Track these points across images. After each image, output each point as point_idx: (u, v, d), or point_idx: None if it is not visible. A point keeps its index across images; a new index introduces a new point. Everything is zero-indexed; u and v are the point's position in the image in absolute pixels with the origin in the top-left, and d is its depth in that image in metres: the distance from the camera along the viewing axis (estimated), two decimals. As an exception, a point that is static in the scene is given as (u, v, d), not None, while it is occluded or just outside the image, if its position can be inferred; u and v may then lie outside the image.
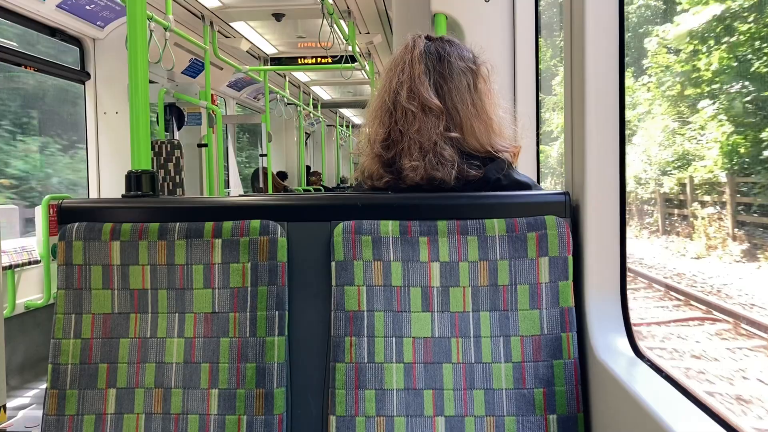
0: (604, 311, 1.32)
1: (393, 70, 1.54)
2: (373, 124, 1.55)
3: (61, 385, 1.40)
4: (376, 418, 1.31)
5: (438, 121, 1.46)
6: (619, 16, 1.30)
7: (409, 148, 1.46)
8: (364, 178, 1.58)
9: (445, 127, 1.46)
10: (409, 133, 1.47)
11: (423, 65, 1.51)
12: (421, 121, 1.46)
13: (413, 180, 1.46)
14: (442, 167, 1.44)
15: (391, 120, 1.50)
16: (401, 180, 1.48)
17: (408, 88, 1.49)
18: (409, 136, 1.47)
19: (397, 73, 1.52)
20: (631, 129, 13.64)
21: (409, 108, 1.47)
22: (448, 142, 1.46)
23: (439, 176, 1.44)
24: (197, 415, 1.37)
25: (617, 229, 1.32)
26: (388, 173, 1.51)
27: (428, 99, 1.47)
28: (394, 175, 1.50)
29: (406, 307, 1.35)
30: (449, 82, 1.50)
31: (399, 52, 1.56)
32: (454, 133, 1.47)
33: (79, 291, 1.42)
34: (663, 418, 0.96)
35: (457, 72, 1.52)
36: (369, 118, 1.58)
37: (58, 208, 1.49)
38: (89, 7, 4.95)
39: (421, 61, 1.51)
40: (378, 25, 6.94)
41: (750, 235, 10.66)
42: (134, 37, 1.70)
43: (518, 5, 2.36)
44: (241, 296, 1.39)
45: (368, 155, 1.55)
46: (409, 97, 1.48)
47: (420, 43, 1.55)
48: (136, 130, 1.68)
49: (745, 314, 7.01)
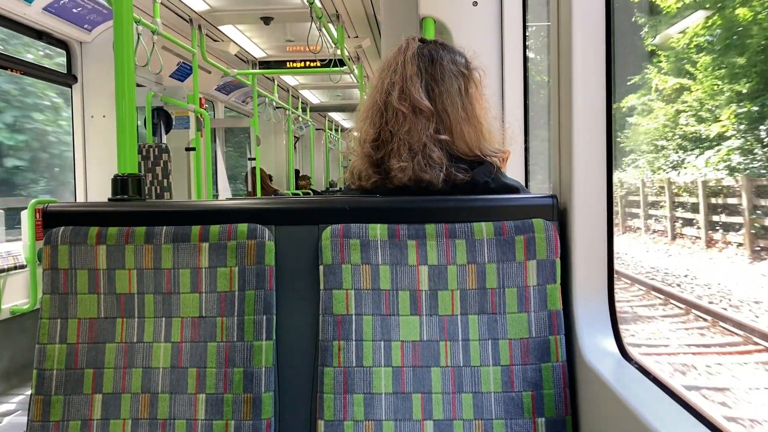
0: (592, 314, 1.32)
1: (385, 71, 1.54)
2: (364, 124, 1.54)
3: (46, 391, 1.38)
4: (364, 422, 1.31)
5: (428, 123, 1.46)
6: (606, 19, 1.31)
7: (398, 149, 1.46)
8: (353, 179, 1.57)
9: (434, 129, 1.46)
10: (399, 134, 1.46)
11: (415, 67, 1.50)
12: (411, 122, 1.46)
13: (401, 181, 1.45)
14: (431, 169, 1.44)
15: (381, 120, 1.50)
16: (389, 180, 1.48)
17: (399, 89, 1.48)
18: (399, 137, 1.46)
19: (389, 73, 1.52)
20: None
21: (400, 109, 1.47)
22: (437, 144, 1.46)
23: (427, 178, 1.44)
24: (184, 420, 1.36)
25: (605, 232, 1.33)
26: (376, 174, 1.50)
27: (419, 100, 1.47)
28: (382, 175, 1.50)
29: (394, 310, 1.35)
30: (440, 85, 1.50)
31: (392, 53, 1.56)
32: (443, 136, 1.47)
33: (65, 295, 1.41)
34: (650, 420, 0.96)
35: (449, 75, 1.52)
36: (360, 118, 1.58)
37: (44, 212, 1.48)
38: (76, 10, 4.92)
39: (413, 62, 1.51)
40: (367, 29, 6.94)
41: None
42: (121, 41, 1.69)
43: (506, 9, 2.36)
44: (228, 300, 1.38)
45: (358, 155, 1.55)
46: (400, 97, 1.48)
47: (413, 45, 1.55)
48: (122, 134, 1.67)
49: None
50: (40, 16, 4.68)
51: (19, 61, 4.80)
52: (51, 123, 6.48)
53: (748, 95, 11.85)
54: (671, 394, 1.07)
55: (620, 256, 12.36)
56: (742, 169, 11.61)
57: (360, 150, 1.54)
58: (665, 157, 14.61)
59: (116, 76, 1.69)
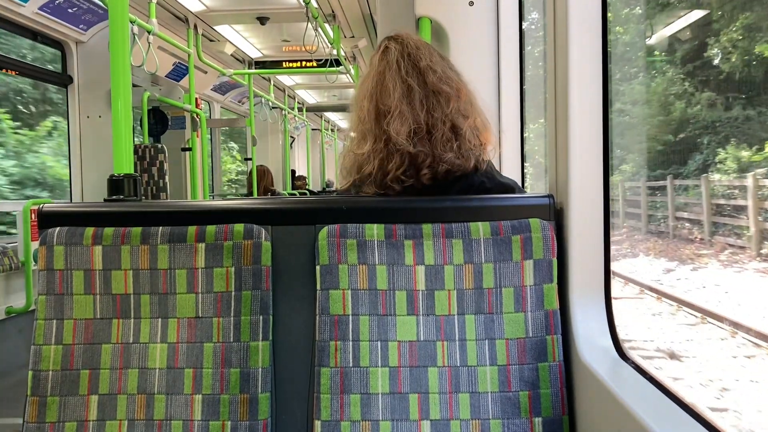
0: (589, 314, 1.32)
1: (401, 60, 1.52)
2: (393, 119, 1.47)
3: (41, 392, 1.38)
4: (361, 422, 1.31)
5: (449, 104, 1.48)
6: (602, 19, 1.31)
7: (442, 136, 1.46)
8: (374, 187, 1.50)
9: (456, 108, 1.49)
10: (443, 118, 1.47)
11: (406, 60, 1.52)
12: (455, 102, 1.48)
13: (440, 171, 1.45)
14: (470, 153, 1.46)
15: (422, 107, 1.47)
16: (420, 178, 1.46)
17: (431, 71, 1.49)
18: (443, 121, 1.47)
19: (404, 64, 1.51)
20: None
21: (443, 89, 1.47)
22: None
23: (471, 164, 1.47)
24: (181, 421, 1.35)
25: (601, 232, 1.33)
26: (408, 174, 1.46)
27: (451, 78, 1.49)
28: (414, 176, 1.47)
29: (391, 310, 1.34)
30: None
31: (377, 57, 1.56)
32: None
33: (61, 296, 1.41)
34: (647, 419, 0.96)
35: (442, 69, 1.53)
36: (388, 114, 1.49)
37: (39, 213, 1.47)
38: (72, 10, 4.91)
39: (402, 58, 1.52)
40: (363, 29, 6.93)
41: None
42: (117, 41, 1.69)
43: (502, 8, 2.37)
44: (224, 301, 1.38)
45: (379, 156, 1.49)
46: (440, 79, 1.48)
47: (393, 45, 1.56)
48: (118, 134, 1.67)
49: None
50: (35, 16, 4.67)
51: (13, 61, 4.79)
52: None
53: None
54: (667, 393, 1.07)
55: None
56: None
57: (384, 150, 1.48)
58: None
59: (112, 76, 1.69)
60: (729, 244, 10.13)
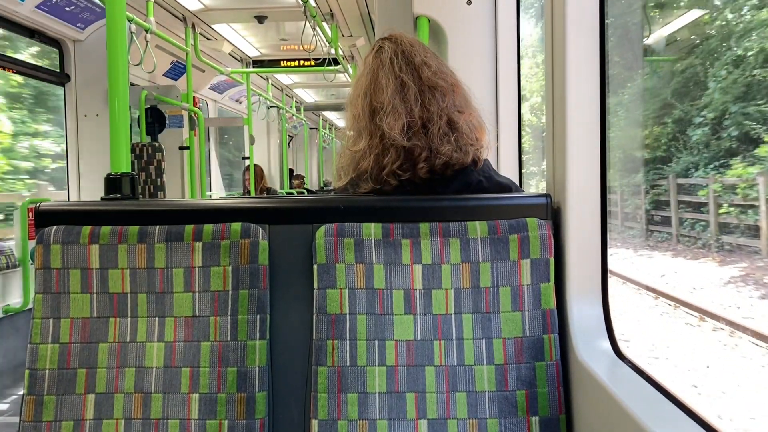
0: (586, 313, 1.32)
1: (394, 57, 1.52)
2: (387, 115, 1.47)
3: (38, 391, 1.38)
4: (358, 421, 1.31)
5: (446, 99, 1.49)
6: (599, 19, 1.31)
7: (439, 129, 1.46)
8: (368, 183, 1.50)
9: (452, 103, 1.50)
10: (439, 112, 1.47)
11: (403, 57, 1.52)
12: (450, 96, 1.49)
13: (436, 165, 1.46)
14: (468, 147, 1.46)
15: (417, 102, 1.47)
16: (417, 172, 1.46)
17: (428, 66, 1.50)
18: (439, 115, 1.47)
19: (397, 61, 1.51)
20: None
21: (438, 83, 1.48)
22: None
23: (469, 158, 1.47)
24: (178, 420, 1.35)
25: (598, 231, 1.33)
26: (405, 168, 1.46)
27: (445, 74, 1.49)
28: (411, 170, 1.46)
29: (388, 309, 1.34)
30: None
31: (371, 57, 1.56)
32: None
33: (57, 295, 1.40)
34: (644, 419, 0.96)
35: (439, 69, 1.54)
36: (381, 110, 1.49)
37: (36, 212, 1.47)
38: (69, 8, 4.90)
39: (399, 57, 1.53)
40: (361, 28, 6.93)
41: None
42: (114, 39, 1.69)
43: (500, 8, 2.37)
44: (222, 300, 1.38)
45: (374, 152, 1.49)
46: (435, 74, 1.49)
47: (387, 44, 1.57)
48: (115, 133, 1.67)
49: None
50: (32, 15, 4.66)
51: (11, 59, 4.78)
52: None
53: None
54: (664, 392, 1.07)
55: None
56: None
57: (380, 146, 1.47)
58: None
59: (109, 75, 1.68)
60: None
